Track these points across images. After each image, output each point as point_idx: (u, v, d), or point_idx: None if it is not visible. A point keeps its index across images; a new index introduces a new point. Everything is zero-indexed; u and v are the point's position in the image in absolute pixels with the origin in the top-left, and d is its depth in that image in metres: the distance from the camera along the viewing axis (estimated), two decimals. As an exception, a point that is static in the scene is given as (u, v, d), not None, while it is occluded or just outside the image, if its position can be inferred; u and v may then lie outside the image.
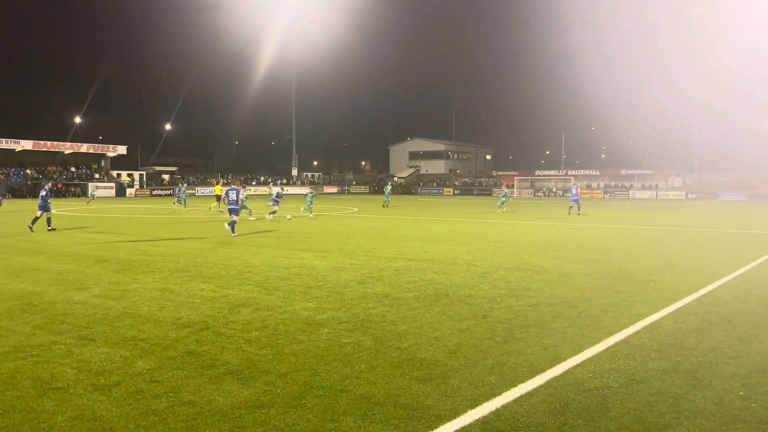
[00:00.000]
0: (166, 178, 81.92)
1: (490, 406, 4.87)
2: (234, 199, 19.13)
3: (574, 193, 33.35)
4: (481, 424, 4.56)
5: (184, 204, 38.97)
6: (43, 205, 20.83)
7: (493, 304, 8.77)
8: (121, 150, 74.17)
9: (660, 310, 8.47)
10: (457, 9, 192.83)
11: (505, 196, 38.30)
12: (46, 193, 21.19)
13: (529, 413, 4.75)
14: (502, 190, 38.07)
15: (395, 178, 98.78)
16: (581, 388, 5.30)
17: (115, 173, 73.89)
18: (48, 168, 67.37)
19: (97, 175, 69.96)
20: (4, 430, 4.45)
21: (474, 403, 4.95)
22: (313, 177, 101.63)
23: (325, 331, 7.22)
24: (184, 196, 39.13)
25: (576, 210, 32.22)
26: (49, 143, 67.36)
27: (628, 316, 8.05)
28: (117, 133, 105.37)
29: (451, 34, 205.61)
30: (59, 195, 60.87)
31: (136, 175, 77.23)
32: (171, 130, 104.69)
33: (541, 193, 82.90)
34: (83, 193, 64.28)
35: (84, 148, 70.59)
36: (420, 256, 14.33)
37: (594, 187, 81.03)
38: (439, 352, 6.38)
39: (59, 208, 33.05)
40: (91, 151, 71.37)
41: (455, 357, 6.20)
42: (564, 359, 6.12)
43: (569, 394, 5.16)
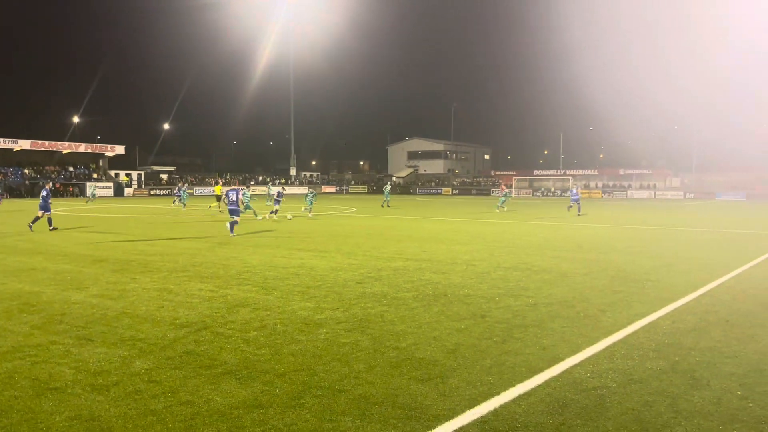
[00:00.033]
0: (165, 177, 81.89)
1: (488, 406, 4.88)
2: (234, 199, 19.09)
3: (574, 192, 33.35)
4: (479, 423, 4.56)
5: (184, 204, 38.93)
6: (44, 205, 20.84)
7: (492, 304, 8.77)
8: (120, 150, 74.10)
9: (658, 309, 8.48)
10: (456, 9, 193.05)
11: (505, 196, 38.33)
12: (47, 193, 21.21)
13: (528, 413, 4.76)
14: (501, 190, 37.98)
15: (393, 178, 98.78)
16: (579, 388, 5.31)
17: (113, 173, 73.84)
18: (46, 168, 67.28)
19: (95, 175, 69.88)
20: (2, 430, 4.44)
21: (472, 402, 4.95)
22: (311, 177, 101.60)
23: (324, 330, 7.22)
24: (185, 195, 39.11)
25: (576, 210, 32.22)
26: (47, 143, 67.25)
27: (627, 316, 8.06)
28: (115, 133, 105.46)
29: (449, 34, 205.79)
30: (57, 195, 60.76)
31: (135, 174, 77.18)
32: (169, 130, 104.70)
33: (539, 193, 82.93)
34: (81, 193, 64.26)
35: (82, 147, 70.50)
36: (418, 255, 14.34)
37: (592, 187, 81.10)
38: (438, 351, 6.38)
39: (57, 208, 32.98)
40: (89, 150, 71.28)
41: (454, 357, 6.20)
42: (562, 359, 6.13)
43: (567, 394, 5.16)
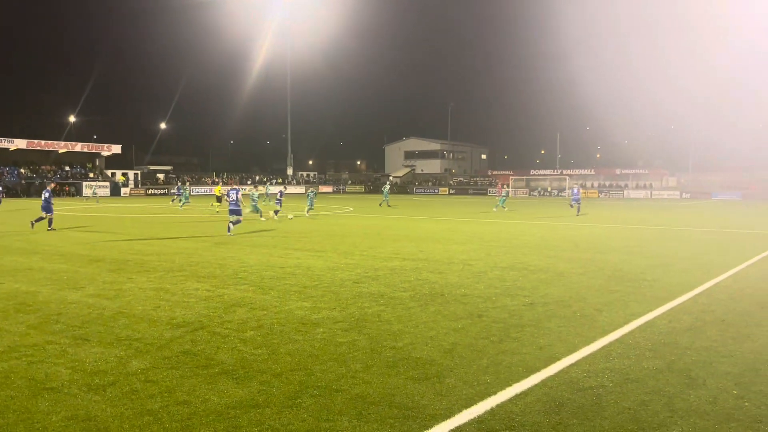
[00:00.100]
0: (161, 177, 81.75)
1: (485, 406, 4.88)
2: (234, 199, 19.09)
3: (575, 192, 33.30)
4: (476, 423, 4.57)
5: (182, 202, 38.81)
6: (46, 207, 20.89)
7: (489, 304, 8.78)
8: (116, 149, 73.95)
9: (654, 309, 8.50)
10: (453, 8, 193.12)
11: (506, 195, 38.28)
12: (49, 195, 21.31)
13: (524, 412, 4.76)
14: (499, 190, 37.97)
15: (391, 178, 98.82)
16: (576, 388, 5.32)
17: (109, 172, 73.68)
18: (42, 167, 67.10)
19: (91, 175, 69.71)
20: (-2, 430, 4.43)
21: (469, 402, 4.96)
22: (308, 176, 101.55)
23: (321, 330, 7.21)
24: (187, 194, 39.08)
25: (577, 209, 32.16)
26: (43, 142, 67.12)
27: (623, 316, 8.08)
28: (112, 133, 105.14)
29: (447, 34, 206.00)
30: (53, 194, 60.52)
31: (131, 174, 77.01)
32: (166, 130, 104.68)
33: (536, 193, 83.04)
34: (78, 193, 64.09)
35: (78, 147, 70.37)
36: (415, 255, 14.34)
37: (589, 187, 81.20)
38: (435, 351, 6.39)
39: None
40: (85, 150, 71.13)
41: (450, 356, 6.21)
42: (559, 358, 6.14)
43: (564, 394, 5.17)
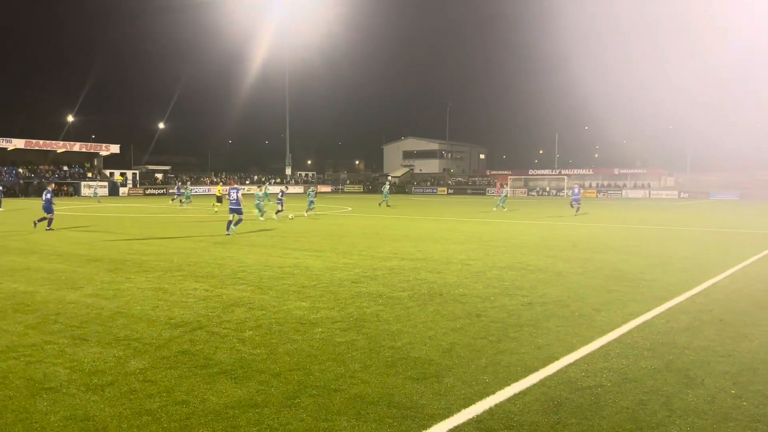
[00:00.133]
0: (160, 177, 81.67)
1: (483, 405, 4.89)
2: (235, 198, 19.22)
3: (576, 192, 33.30)
4: (474, 423, 4.57)
5: (181, 202, 39.12)
6: (47, 207, 20.98)
7: (487, 303, 8.79)
8: (114, 149, 73.86)
9: (652, 309, 8.51)
10: (451, 8, 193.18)
11: (505, 195, 38.24)
12: (50, 196, 21.40)
13: (523, 412, 4.77)
14: (497, 190, 37.99)
15: (390, 177, 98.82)
16: (574, 387, 5.33)
17: (108, 172, 73.58)
18: (40, 167, 67.00)
19: (89, 174, 69.61)
20: (-4, 430, 4.43)
21: (467, 402, 4.96)
22: (306, 176, 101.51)
23: (319, 330, 7.22)
24: (188, 194, 39.41)
25: (578, 209, 32.14)
26: (41, 142, 67.02)
27: (621, 315, 8.09)
28: (110, 132, 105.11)
29: (445, 34, 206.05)
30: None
31: (129, 174, 76.92)
32: (164, 129, 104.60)
33: (534, 192, 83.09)
34: (76, 192, 64.02)
35: (77, 146, 70.28)
36: (414, 255, 14.34)
37: (587, 187, 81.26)
38: (433, 351, 6.39)
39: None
40: (83, 150, 71.04)
41: (449, 356, 6.21)
42: (557, 358, 6.15)
43: (562, 393, 5.18)
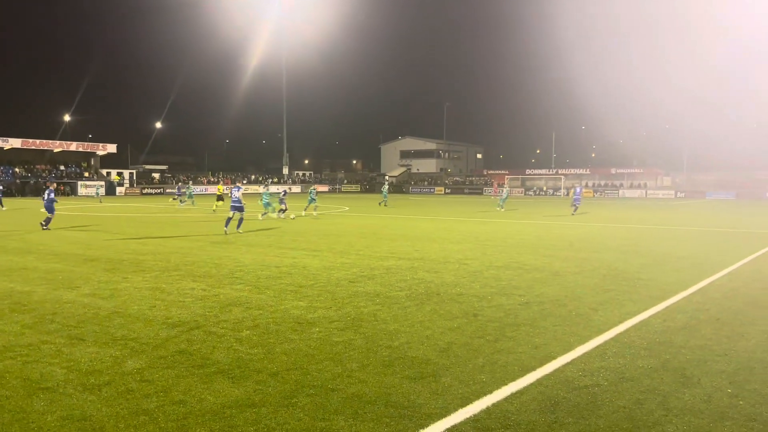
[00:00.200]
0: (157, 176, 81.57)
1: (480, 405, 4.89)
2: (236, 196, 19.60)
3: (577, 191, 33.34)
4: (471, 422, 4.58)
5: (180, 200, 39.82)
6: (49, 207, 21.23)
7: (484, 303, 8.79)
8: (111, 148, 73.70)
9: (649, 308, 8.53)
10: (448, 8, 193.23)
11: (507, 195, 38.16)
12: (53, 195, 21.65)
13: (520, 411, 4.78)
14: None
15: (387, 177, 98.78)
16: (571, 387, 5.34)
17: (104, 172, 73.42)
18: (37, 166, 66.83)
19: (86, 174, 69.44)
20: (-7, 430, 4.42)
21: (465, 401, 4.97)
22: (304, 176, 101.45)
23: (317, 330, 7.22)
24: (190, 193, 39.99)
25: (579, 209, 32.15)
26: (38, 141, 66.82)
27: (618, 315, 8.11)
28: (107, 132, 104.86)
29: (442, 34, 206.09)
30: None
31: (126, 173, 76.79)
32: (161, 129, 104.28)
33: (531, 192, 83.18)
34: (72, 192, 63.86)
35: (73, 146, 70.09)
36: (411, 254, 14.35)
37: (584, 186, 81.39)
38: (430, 350, 6.40)
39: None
40: (80, 149, 70.87)
41: (446, 355, 6.22)
42: (554, 357, 6.16)
43: (559, 392, 5.19)
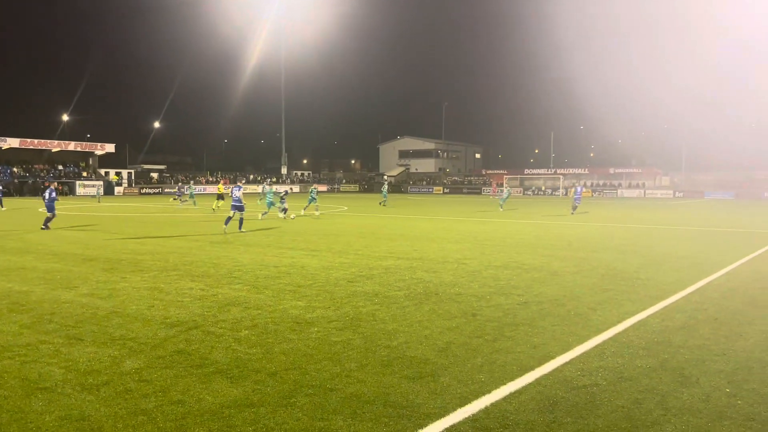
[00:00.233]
0: (155, 176, 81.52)
1: (479, 404, 4.90)
2: (237, 196, 19.78)
3: (578, 191, 33.37)
4: (470, 422, 4.58)
5: (180, 200, 40.08)
6: (50, 206, 21.33)
7: (483, 303, 8.80)
8: (110, 148, 73.59)
9: (648, 308, 8.53)
10: (447, 8, 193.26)
11: (508, 195, 38.09)
12: (55, 195, 21.74)
13: (519, 411, 4.78)
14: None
15: (386, 177, 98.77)
16: (570, 386, 5.34)
17: (102, 171, 73.34)
18: (35, 166, 66.71)
19: (84, 174, 69.34)
20: (-9, 430, 4.41)
21: (463, 401, 4.97)
22: (302, 175, 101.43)
23: (315, 329, 7.21)
24: (193, 193, 40.36)
25: (579, 208, 32.18)
26: (36, 141, 66.70)
27: (617, 314, 8.11)
28: (105, 131, 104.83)
29: (441, 33, 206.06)
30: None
31: (125, 173, 76.70)
32: (159, 128, 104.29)
33: (530, 192, 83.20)
34: (71, 192, 63.78)
35: (71, 146, 69.95)
36: (410, 254, 14.35)
37: (584, 186, 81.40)
38: (429, 350, 6.40)
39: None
40: (78, 149, 70.72)
41: (445, 355, 6.22)
42: (553, 357, 6.16)
43: (558, 392, 5.19)
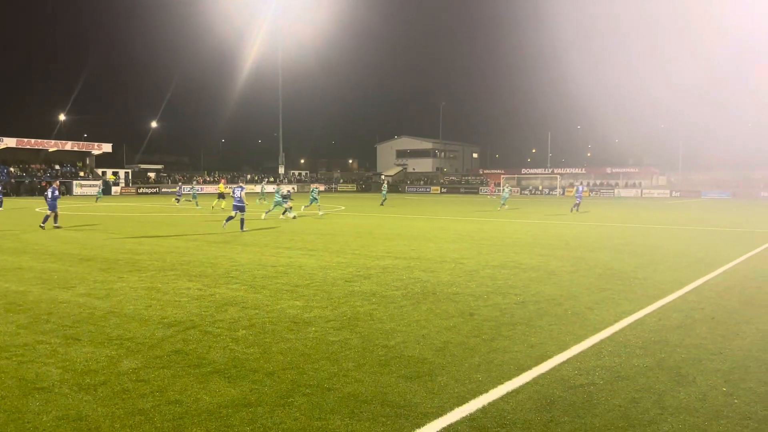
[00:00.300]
0: (152, 176, 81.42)
1: (476, 404, 4.90)
2: (239, 196, 19.91)
3: (579, 190, 33.38)
4: (467, 421, 4.59)
5: (177, 201, 40.86)
6: (52, 204, 21.51)
7: (480, 302, 8.81)
8: (107, 148, 73.42)
9: (644, 307, 8.55)
10: (444, 8, 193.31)
11: (508, 194, 38.05)
12: (57, 194, 21.90)
13: (516, 410, 4.79)
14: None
15: (383, 176, 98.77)
16: (567, 385, 5.35)
17: (100, 171, 73.20)
18: (32, 166, 66.56)
19: (81, 173, 69.21)
20: (-12, 430, 4.41)
21: (461, 400, 4.97)
22: (300, 175, 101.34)
23: (313, 329, 7.21)
24: (195, 193, 40.99)
25: (580, 207, 32.25)
26: (33, 141, 66.54)
27: (614, 314, 8.13)
28: (102, 131, 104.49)
29: (439, 33, 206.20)
30: (42, 192, 60.13)
31: (122, 173, 76.59)
32: (156, 128, 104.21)
33: (527, 191, 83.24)
34: (68, 192, 63.65)
35: (68, 145, 69.78)
36: (407, 254, 14.35)
37: (584, 186, 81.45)
38: (426, 350, 6.40)
39: (43, 206, 32.72)
40: (75, 149, 70.55)
41: (442, 355, 6.22)
42: (550, 356, 6.17)
43: (555, 391, 5.20)
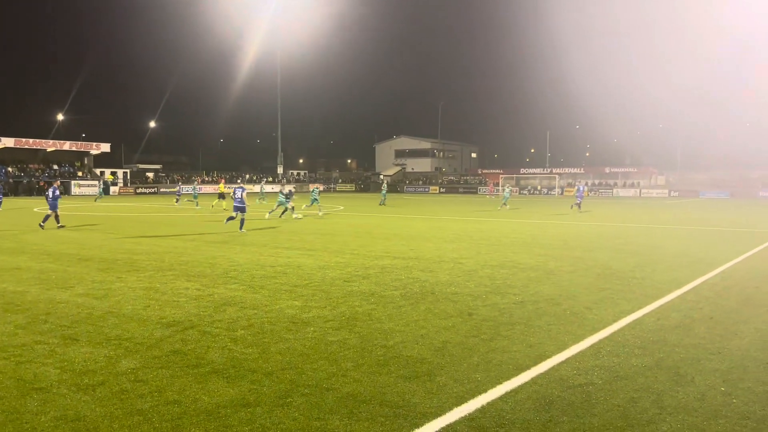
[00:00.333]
0: (151, 176, 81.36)
1: (475, 404, 4.90)
2: (239, 196, 19.90)
3: (580, 190, 33.37)
4: (466, 421, 4.58)
5: (176, 200, 41.05)
6: (53, 204, 21.54)
7: (479, 302, 8.81)
8: (105, 148, 73.31)
9: (643, 307, 8.56)
10: (443, 8, 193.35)
11: (509, 194, 38.07)
12: (58, 194, 21.90)
13: (515, 410, 4.78)
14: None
15: (382, 176, 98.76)
16: (566, 385, 5.35)
17: (98, 171, 73.12)
18: (30, 166, 66.48)
19: (80, 173, 69.13)
20: (-14, 431, 4.40)
21: (460, 400, 4.97)
22: (298, 175, 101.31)
23: (311, 329, 7.21)
24: (196, 193, 41.15)
25: (577, 208, 32.30)
26: (31, 141, 66.45)
27: (612, 313, 8.13)
28: (100, 131, 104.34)
29: (437, 33, 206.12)
30: (41, 192, 60.09)
31: (120, 173, 76.52)
32: (155, 128, 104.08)
33: (526, 191, 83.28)
34: (66, 191, 63.59)
35: (67, 145, 69.69)
36: (406, 254, 14.35)
37: (585, 186, 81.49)
38: (425, 349, 6.40)
39: (41, 206, 32.70)
40: (73, 148, 70.45)
41: (441, 355, 6.22)
42: (549, 356, 6.17)
43: (554, 391, 5.20)
